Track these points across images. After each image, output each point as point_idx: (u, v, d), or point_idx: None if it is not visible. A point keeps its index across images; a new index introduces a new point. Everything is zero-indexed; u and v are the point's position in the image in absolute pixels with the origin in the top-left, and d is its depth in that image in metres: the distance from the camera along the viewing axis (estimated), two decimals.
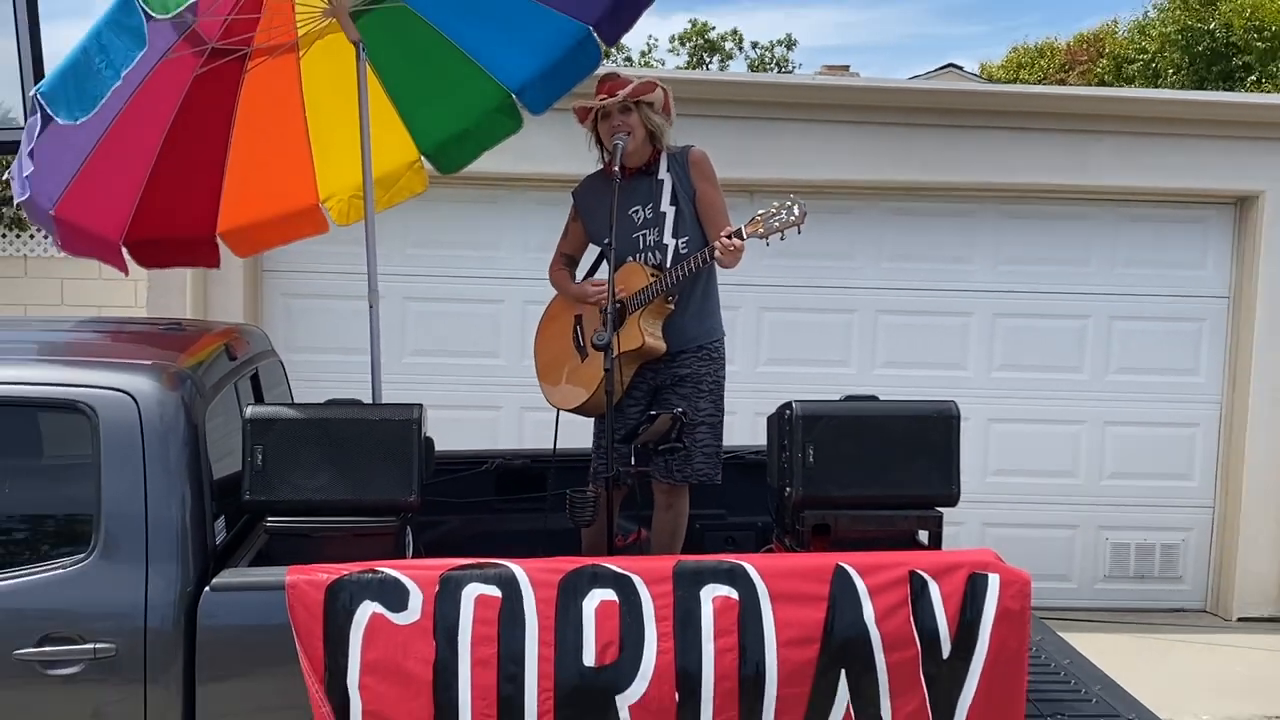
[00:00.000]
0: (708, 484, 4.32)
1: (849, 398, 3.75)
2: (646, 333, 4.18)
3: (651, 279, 4.18)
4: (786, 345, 7.62)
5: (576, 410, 4.34)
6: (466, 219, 7.43)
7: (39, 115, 3.34)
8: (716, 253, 4.07)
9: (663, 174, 4.28)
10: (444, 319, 7.45)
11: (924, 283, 7.69)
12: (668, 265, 4.20)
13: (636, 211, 4.27)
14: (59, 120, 3.31)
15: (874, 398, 3.75)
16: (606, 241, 4.16)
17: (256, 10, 4.33)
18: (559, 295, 4.57)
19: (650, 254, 4.26)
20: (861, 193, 7.65)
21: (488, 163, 5.30)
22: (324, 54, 4.72)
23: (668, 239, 4.23)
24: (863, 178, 7.54)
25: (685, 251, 4.21)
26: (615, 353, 3.95)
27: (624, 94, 4.23)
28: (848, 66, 20.76)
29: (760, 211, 4.10)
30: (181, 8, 3.17)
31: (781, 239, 4.07)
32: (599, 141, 4.38)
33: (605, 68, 4.86)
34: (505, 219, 7.50)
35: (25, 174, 3.54)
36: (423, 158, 5.24)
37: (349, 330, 6.62)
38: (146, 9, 3.15)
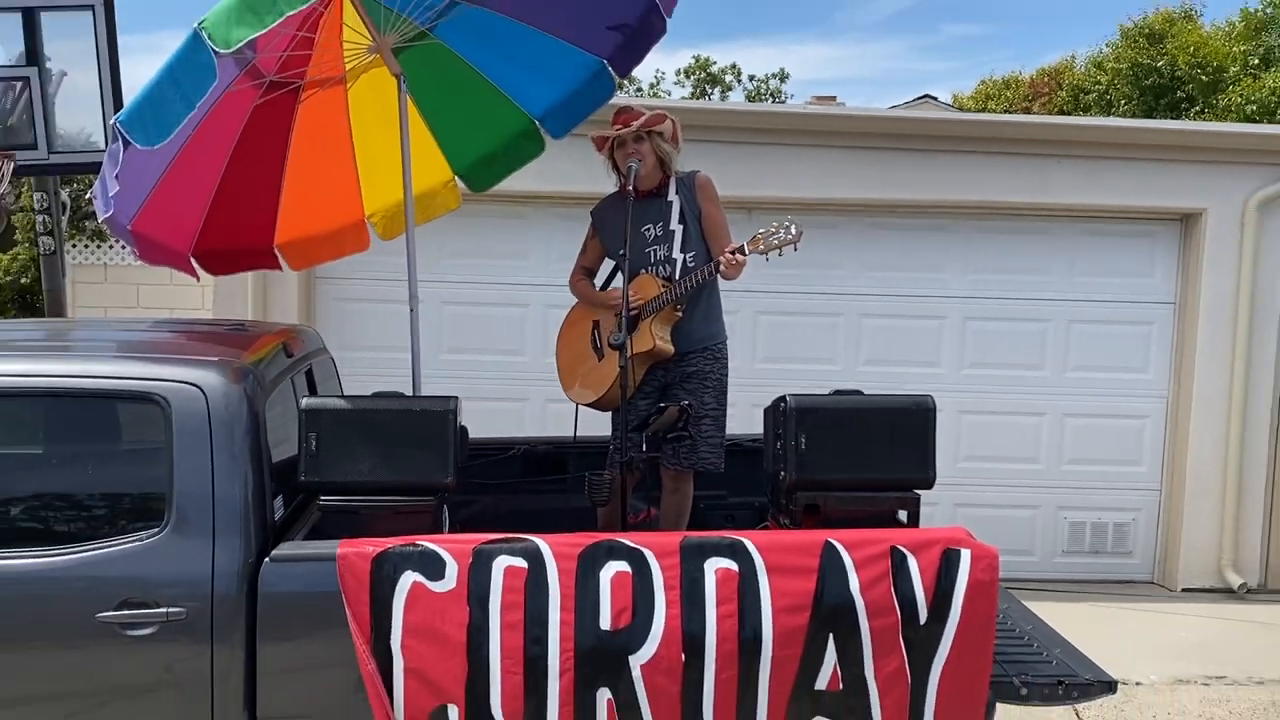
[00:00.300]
0: (712, 471, 4.32)
1: (837, 392, 3.75)
2: (657, 336, 4.21)
3: (662, 289, 4.22)
4: (780, 345, 7.61)
5: (593, 405, 4.36)
6: (496, 232, 7.43)
7: (120, 142, 3.35)
8: (721, 267, 4.10)
9: (672, 196, 4.32)
10: (476, 321, 7.45)
11: (903, 290, 7.67)
12: (677, 277, 4.23)
13: (648, 229, 4.30)
14: (137, 145, 3.32)
15: (859, 392, 3.75)
16: (621, 253, 4.16)
17: (309, 48, 4.34)
18: (579, 303, 4.57)
19: (661, 267, 4.30)
20: (847, 210, 7.63)
21: (514, 182, 5.31)
22: (369, 86, 4.73)
23: (677, 254, 4.27)
24: (849, 196, 7.52)
25: (693, 265, 4.24)
26: (629, 351, 3.96)
27: (637, 125, 4.26)
28: (835, 97, 20.74)
29: (760, 231, 4.13)
30: (241, 43, 3.18)
31: (779, 255, 4.09)
32: (615, 167, 4.40)
33: (619, 99, 4.87)
34: (531, 232, 7.50)
35: (110, 194, 3.55)
36: (456, 178, 5.25)
37: (392, 330, 6.62)
38: (213, 46, 3.16)
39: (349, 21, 4.39)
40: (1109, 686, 3.37)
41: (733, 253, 4.09)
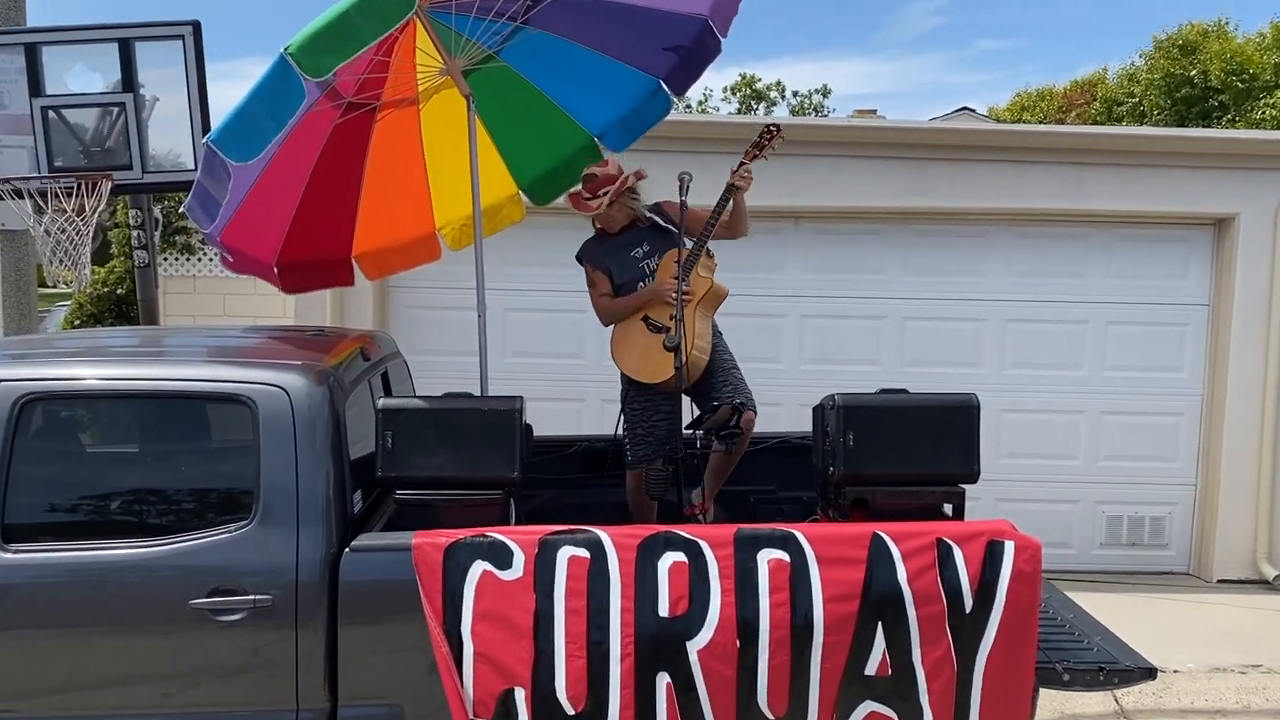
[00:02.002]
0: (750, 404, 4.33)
1: (884, 391, 3.73)
2: (708, 276, 4.29)
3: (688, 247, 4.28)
4: (826, 347, 7.56)
5: (662, 383, 4.30)
6: (556, 243, 7.40)
7: (218, 159, 3.40)
8: (734, 182, 4.22)
9: (644, 221, 4.46)
10: (538, 326, 7.48)
11: (944, 293, 7.58)
12: (681, 262, 4.23)
13: (636, 252, 4.44)
14: (230, 162, 3.38)
15: (905, 390, 3.73)
16: (690, 244, 4.21)
17: (385, 71, 4.38)
18: (623, 319, 4.49)
19: (647, 277, 4.42)
20: (890, 217, 7.56)
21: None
22: (440, 106, 4.76)
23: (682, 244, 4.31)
24: (891, 204, 7.44)
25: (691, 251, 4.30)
26: (686, 355, 3.94)
27: (608, 200, 4.38)
28: (875, 110, 20.58)
29: (747, 149, 4.28)
30: (333, 71, 3.22)
31: (775, 151, 4.26)
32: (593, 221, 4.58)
33: (674, 115, 4.87)
34: (583, 238, 7.51)
35: (220, 206, 3.61)
36: (520, 192, 5.27)
37: (460, 336, 6.66)
38: (302, 73, 3.20)
39: (421, 45, 4.43)
40: (1149, 673, 3.30)
41: (738, 171, 4.22)
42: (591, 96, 4.81)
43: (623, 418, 4.46)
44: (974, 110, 24.89)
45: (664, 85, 4.73)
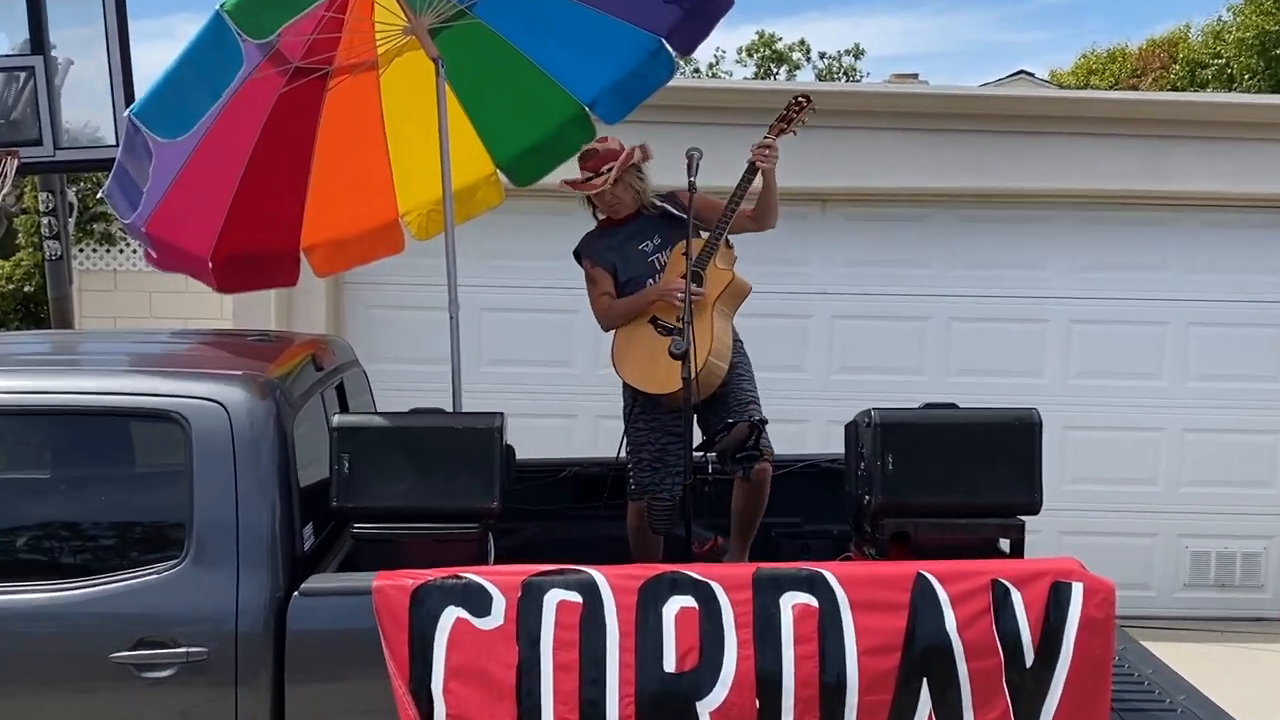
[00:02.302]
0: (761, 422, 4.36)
1: (928, 406, 3.74)
2: (727, 269, 4.31)
3: (704, 238, 4.32)
4: (860, 353, 7.57)
5: (668, 395, 4.30)
6: (540, 231, 7.46)
7: (143, 136, 3.40)
8: (755, 162, 4.24)
9: (653, 209, 4.49)
10: (519, 329, 7.49)
11: (998, 290, 7.60)
12: (693, 256, 4.26)
13: (644, 246, 4.47)
14: (157, 139, 3.38)
15: (953, 405, 3.73)
16: (684, 250, 4.18)
17: (338, 30, 4.39)
18: (626, 323, 4.52)
19: (657, 273, 4.46)
20: (934, 200, 7.58)
21: (562, 175, 5.33)
22: (403, 71, 4.77)
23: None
24: (935, 185, 7.47)
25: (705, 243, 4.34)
26: (695, 364, 3.94)
27: (611, 177, 4.40)
28: (916, 74, 20.60)
29: (774, 120, 4.30)
30: (276, 32, 3.23)
31: (804, 126, 4.30)
32: (591, 203, 4.61)
33: (679, 80, 4.88)
34: (577, 231, 7.42)
35: (141, 191, 3.62)
36: (498, 171, 5.28)
37: (429, 340, 6.66)
38: (241, 33, 3.21)
39: (381, 0, 4.45)
40: None
41: (758, 148, 4.24)
42: (581, 58, 4.82)
43: (626, 439, 4.46)
44: (1032, 75, 24.97)
45: (666, 44, 4.74)
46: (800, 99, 4.33)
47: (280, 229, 4.96)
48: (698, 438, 4.25)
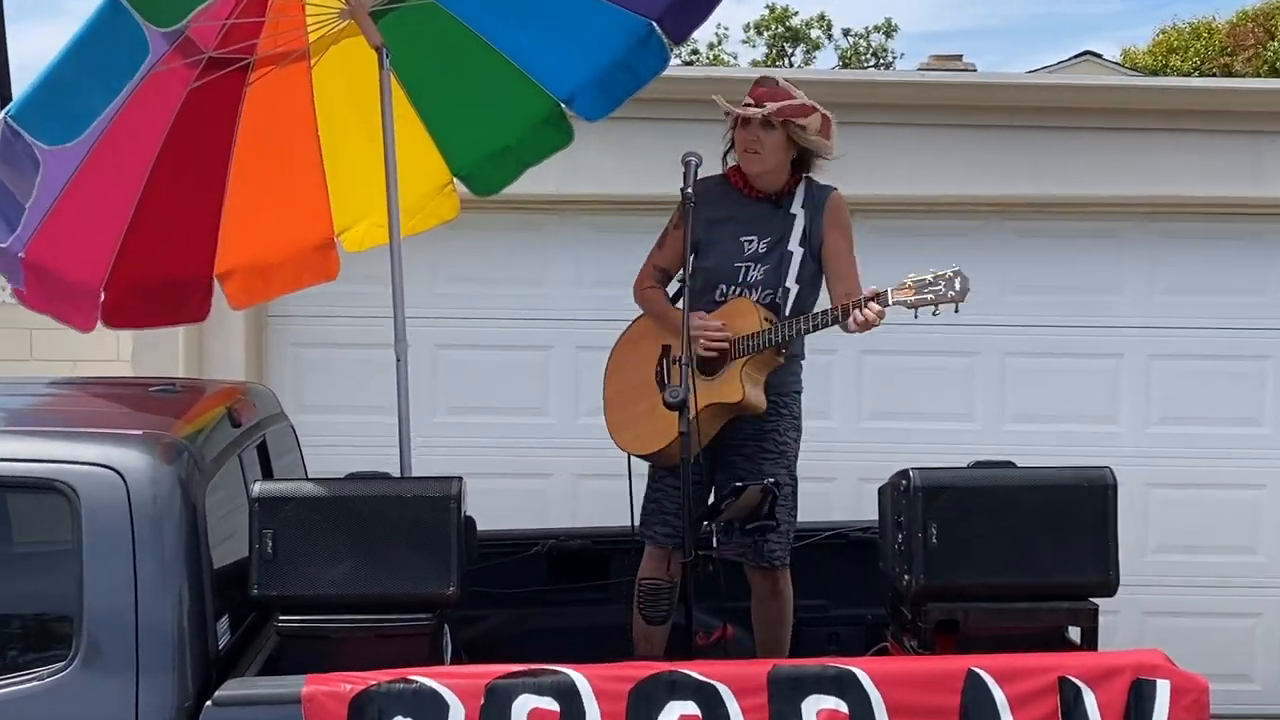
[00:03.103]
0: (776, 565, 4.39)
1: (979, 464, 3.75)
2: (750, 385, 4.29)
3: (766, 324, 4.26)
4: (895, 396, 7.57)
5: (649, 456, 4.43)
6: (506, 250, 7.48)
7: (23, 142, 3.40)
8: (852, 322, 4.14)
9: (796, 208, 4.41)
10: (483, 370, 7.47)
11: (1061, 318, 7.61)
12: (786, 313, 4.29)
13: (750, 241, 4.46)
14: (40, 146, 3.38)
15: (1009, 463, 3.75)
16: (691, 273, 4.23)
17: (261, 13, 4.41)
18: (646, 316, 4.63)
19: (754, 291, 4.42)
20: (981, 211, 7.60)
21: (530, 183, 5.35)
22: (340, 61, 4.80)
23: (791, 282, 4.38)
24: (982, 193, 7.49)
25: (799, 300, 4.31)
26: (694, 411, 3.95)
27: (767, 110, 4.40)
28: (960, 56, 20.76)
29: (913, 276, 4.20)
30: (187, 17, 3.24)
31: (934, 313, 4.13)
32: (733, 144, 4.57)
33: (674, 70, 4.91)
34: (552, 249, 7.54)
35: (24, 209, 3.61)
36: (455, 179, 5.31)
37: (371, 386, 6.66)
38: (144, 20, 3.22)
39: None
40: None
41: (868, 302, 4.15)
42: (556, 46, 4.85)
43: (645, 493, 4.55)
44: (1099, 56, 25.18)
45: (658, 28, 4.77)
46: (953, 278, 4.20)
47: (189, 252, 4.97)
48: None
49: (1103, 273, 7.64)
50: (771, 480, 4.12)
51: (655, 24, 4.76)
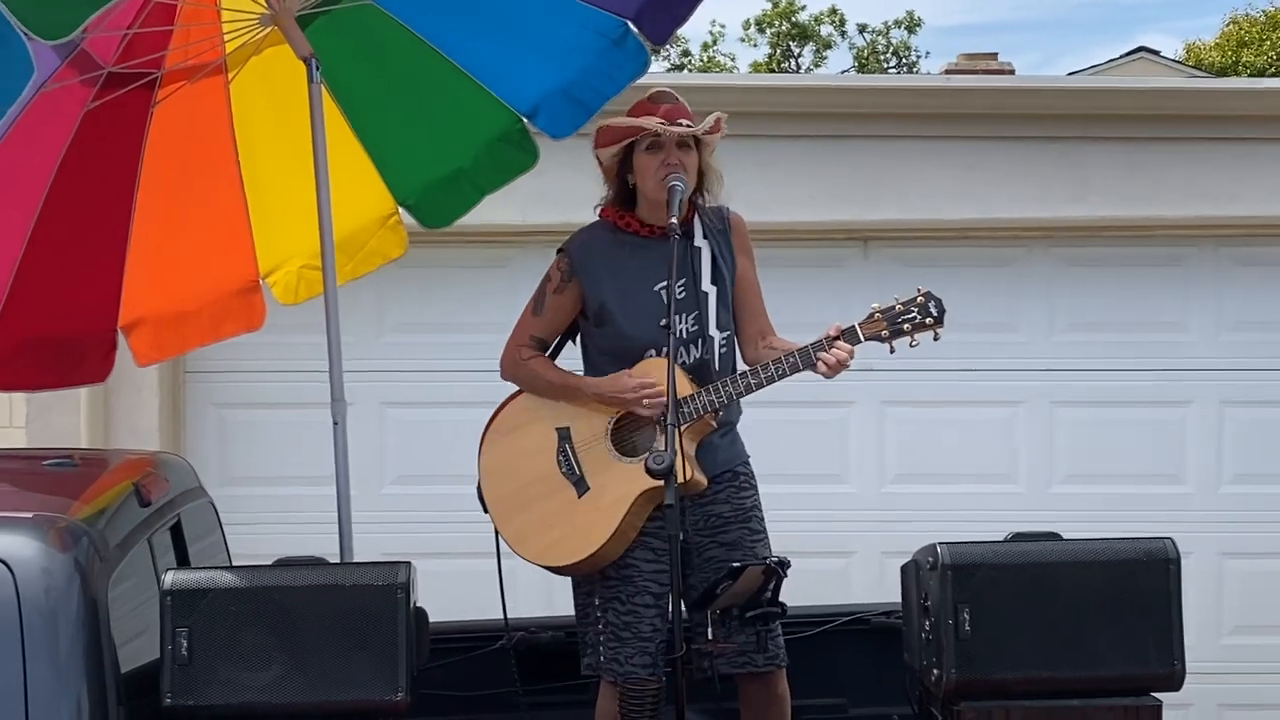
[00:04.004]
0: (782, 664, 4.34)
1: (1018, 536, 3.75)
2: (688, 462, 4.15)
3: (695, 388, 4.20)
4: (923, 455, 7.57)
5: (568, 569, 4.36)
6: (464, 291, 7.49)
7: None
8: (821, 365, 4.12)
9: (699, 240, 4.38)
10: (438, 431, 7.46)
11: (1117, 360, 7.62)
12: (716, 367, 4.25)
13: (663, 289, 4.27)
14: None
15: (1053, 535, 3.74)
16: (663, 324, 4.18)
17: (168, 21, 4.43)
18: (524, 397, 4.57)
19: (686, 349, 4.32)
20: (1022, 237, 7.64)
21: (490, 211, 5.36)
22: (262, 75, 4.82)
23: (712, 330, 4.30)
24: (1023, 216, 7.52)
25: (724, 350, 4.28)
26: (681, 478, 3.94)
27: (705, 125, 4.32)
28: (995, 55, 20.83)
29: (879, 306, 4.18)
30: (81, 26, 3.25)
31: (912, 345, 4.13)
32: (616, 177, 4.46)
33: (652, 78, 4.93)
34: (518, 287, 7.47)
35: None
36: (401, 209, 5.31)
37: (305, 453, 6.65)
38: (28, 32, 3.23)
39: None
40: None
41: (834, 341, 4.13)
42: (515, 51, 4.89)
43: (576, 591, 4.48)
44: (1157, 53, 25.27)
45: (634, 29, 4.79)
46: (924, 307, 4.19)
47: (88, 300, 4.96)
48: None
49: (1165, 307, 7.67)
50: (774, 559, 4.10)
51: (631, 23, 4.78)
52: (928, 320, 4.14)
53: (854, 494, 7.56)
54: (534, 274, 7.41)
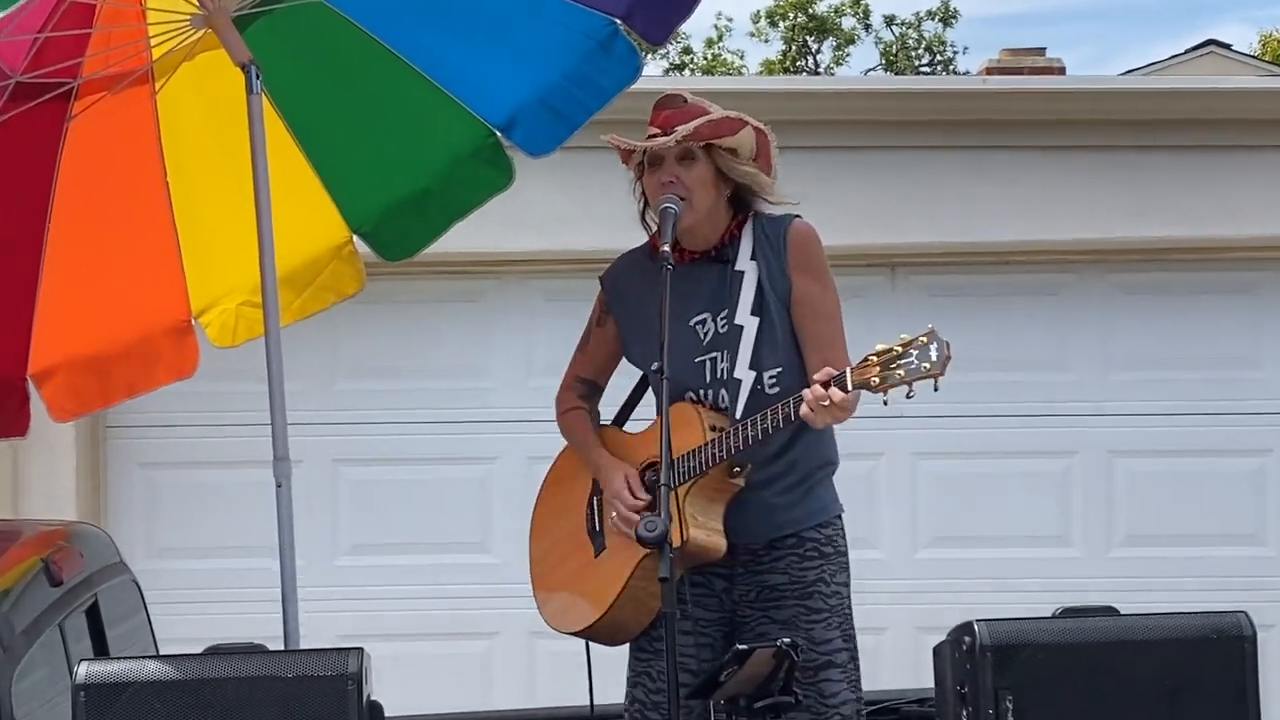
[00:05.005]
0: None
1: (1068, 610, 3.74)
2: (694, 523, 4.15)
3: (710, 437, 4.17)
4: (961, 514, 7.58)
5: (584, 634, 4.35)
6: (430, 329, 7.49)
7: None
8: (802, 408, 4.06)
9: (743, 262, 4.33)
10: (400, 493, 7.47)
11: (1185, 403, 7.64)
12: (738, 415, 4.20)
13: (702, 322, 4.30)
14: None
15: (1110, 609, 3.73)
16: (655, 368, 4.18)
17: (86, 23, 4.43)
18: (572, 447, 4.59)
19: (717, 391, 4.29)
20: (1073, 261, 7.65)
21: (461, 238, 5.35)
22: (195, 85, 4.82)
23: (741, 371, 4.26)
24: (1075, 237, 7.54)
25: (774, 392, 4.22)
26: (673, 547, 3.93)
27: (682, 133, 4.25)
28: (1043, 50, 20.89)
29: (879, 350, 4.11)
30: None
31: (909, 395, 4.08)
32: (645, 200, 4.44)
33: (649, 82, 4.94)
34: (494, 327, 7.55)
35: None
36: (356, 238, 5.30)
37: (245, 520, 6.63)
38: None
39: None
40: None
41: (826, 385, 4.07)
42: (487, 56, 4.90)
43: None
44: (1228, 47, 25.34)
45: (624, 28, 4.79)
46: (926, 343, 4.04)
47: None
48: None
49: (1238, 340, 7.69)
50: (787, 642, 4.09)
51: (621, 22, 4.78)
52: (925, 366, 4.04)
53: (883, 561, 7.55)
54: (511, 309, 7.50)
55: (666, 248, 4.11)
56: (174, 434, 7.35)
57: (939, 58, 35.69)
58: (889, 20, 36.22)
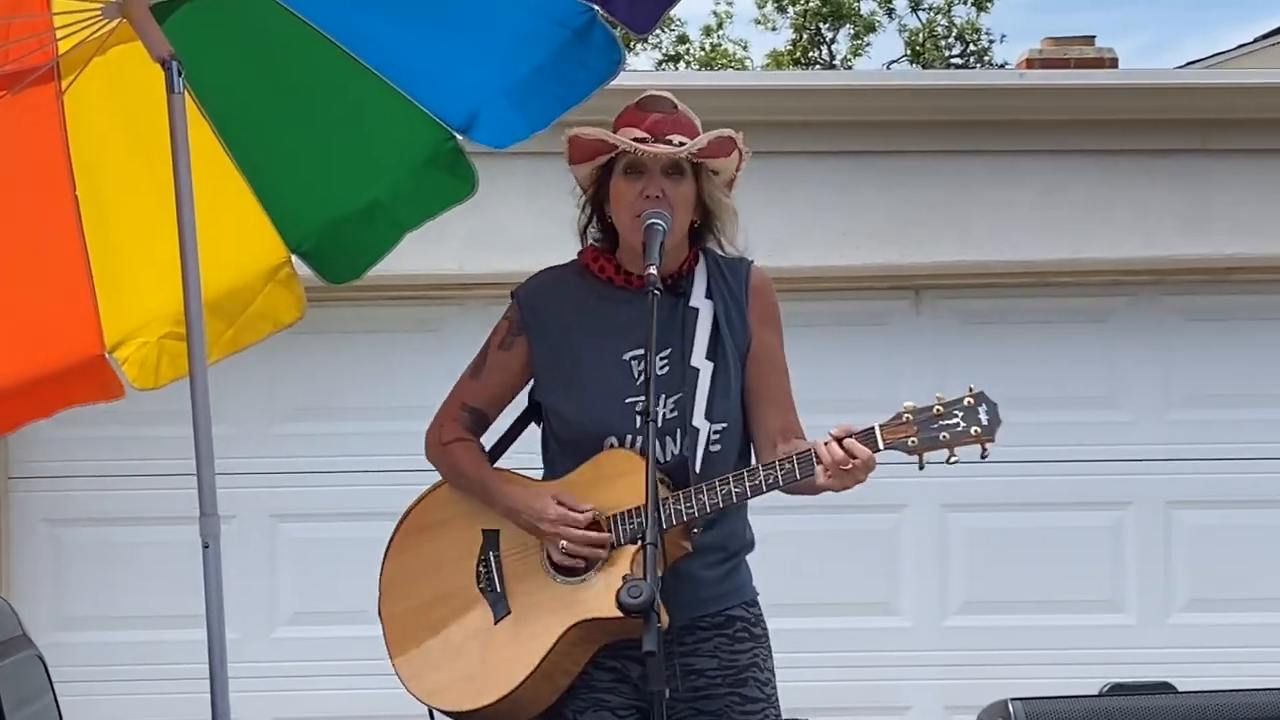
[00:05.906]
0: None
1: (1117, 688, 3.74)
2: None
3: (669, 494, 4.16)
4: (997, 574, 7.60)
5: (477, 712, 4.33)
6: (383, 363, 7.51)
7: None
8: (820, 473, 4.06)
9: (698, 299, 4.36)
10: (348, 552, 7.45)
11: (1255, 446, 7.66)
12: (697, 468, 4.20)
13: (638, 358, 4.30)
14: None
15: (1166, 686, 3.74)
16: (639, 409, 4.19)
17: None
18: (444, 490, 4.61)
19: (668, 440, 4.29)
20: (1125, 282, 7.68)
21: (417, 257, 5.37)
22: (109, 82, 4.81)
23: (698, 419, 4.27)
24: (1126, 255, 7.57)
25: (718, 449, 4.25)
26: (664, 619, 3.94)
27: (693, 147, 4.27)
28: (1092, 39, 20.94)
29: (911, 406, 4.11)
30: None
31: (950, 461, 4.09)
32: (594, 209, 4.48)
33: (627, 79, 4.96)
34: (455, 357, 7.48)
35: None
36: (295, 258, 5.31)
37: (168, 585, 6.65)
38: None
39: None
40: None
41: (845, 439, 4.07)
42: (445, 48, 4.90)
43: None
44: None
45: (604, 15, 4.81)
46: (974, 405, 4.09)
47: None
48: None
49: None
50: None
51: (600, 9, 4.79)
52: (974, 430, 4.06)
53: (906, 629, 7.57)
54: (476, 339, 7.45)
55: (653, 270, 4.11)
56: (85, 485, 7.35)
57: (972, 48, 35.76)
58: (914, 4, 36.27)
